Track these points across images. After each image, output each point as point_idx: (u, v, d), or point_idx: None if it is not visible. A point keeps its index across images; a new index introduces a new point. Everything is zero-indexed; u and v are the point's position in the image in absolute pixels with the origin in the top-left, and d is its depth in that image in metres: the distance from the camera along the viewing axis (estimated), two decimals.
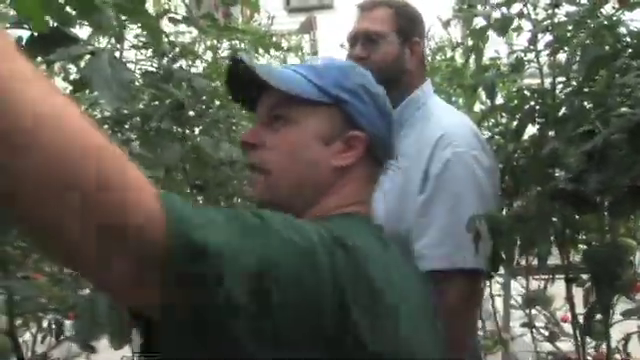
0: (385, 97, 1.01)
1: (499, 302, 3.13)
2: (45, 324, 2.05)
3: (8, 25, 0.93)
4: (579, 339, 1.59)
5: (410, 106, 1.58)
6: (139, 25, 1.34)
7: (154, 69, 1.55)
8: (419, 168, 1.48)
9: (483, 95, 2.34)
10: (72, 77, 1.69)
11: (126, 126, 1.63)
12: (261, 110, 0.96)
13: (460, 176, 1.45)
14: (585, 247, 1.57)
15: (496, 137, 1.89)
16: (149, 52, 1.68)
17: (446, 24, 1.93)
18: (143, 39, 1.65)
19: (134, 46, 1.57)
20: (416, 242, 1.46)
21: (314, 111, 0.92)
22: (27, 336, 2.07)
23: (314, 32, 5.34)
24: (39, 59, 0.94)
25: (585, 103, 1.46)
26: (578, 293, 1.66)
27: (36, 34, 0.90)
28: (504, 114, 2.00)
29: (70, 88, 1.72)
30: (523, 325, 2.56)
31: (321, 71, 0.95)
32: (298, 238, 0.69)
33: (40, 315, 1.77)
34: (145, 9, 1.26)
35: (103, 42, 1.40)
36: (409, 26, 1.61)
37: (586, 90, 1.45)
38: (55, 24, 0.94)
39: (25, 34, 0.95)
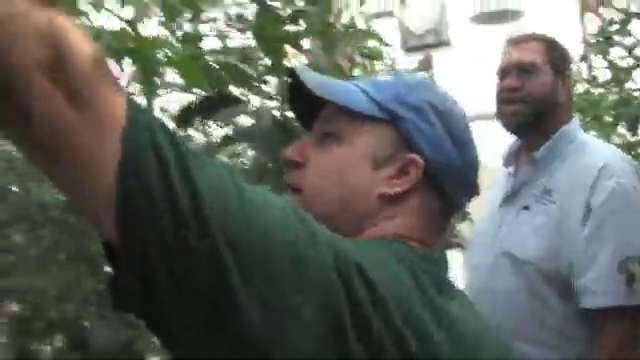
0: (464, 122, 0.83)
1: None
2: None
3: (169, 90, 1.01)
4: None
5: (563, 139, 1.56)
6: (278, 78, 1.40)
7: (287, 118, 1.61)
8: (578, 200, 1.44)
9: (620, 127, 2.24)
10: (215, 132, 1.78)
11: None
12: (315, 126, 0.84)
13: (624, 207, 1.42)
14: None
15: None
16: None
17: (582, 59, 1.88)
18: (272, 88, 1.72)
19: (270, 97, 1.63)
20: (580, 276, 1.41)
21: (366, 128, 0.79)
22: None
23: (432, 70, 5.34)
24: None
25: None
26: None
27: (202, 98, 0.98)
28: None
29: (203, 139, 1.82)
30: None
31: (383, 85, 0.82)
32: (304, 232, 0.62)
33: None
34: (284, 64, 1.32)
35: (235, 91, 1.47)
36: (561, 59, 1.60)
37: None
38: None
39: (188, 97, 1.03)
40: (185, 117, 1.00)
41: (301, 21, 1.90)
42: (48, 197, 1.63)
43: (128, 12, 1.43)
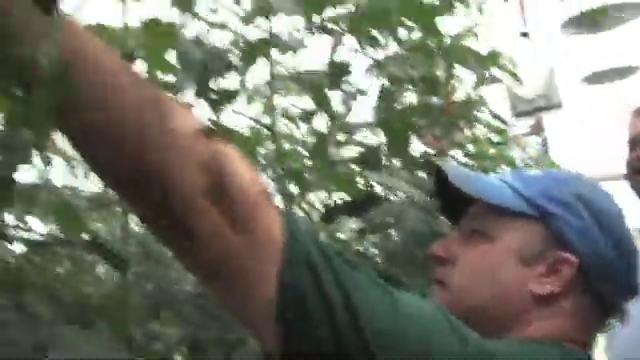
0: (619, 216, 0.80)
1: None
2: None
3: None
4: None
5: None
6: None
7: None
8: None
9: None
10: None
11: None
12: (462, 222, 0.84)
13: None
14: None
15: None
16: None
17: None
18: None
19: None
20: None
21: (515, 225, 0.78)
22: None
23: (543, 133, 5.24)
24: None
25: None
26: None
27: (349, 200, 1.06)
28: None
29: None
30: None
31: (530, 179, 0.81)
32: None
33: None
34: (411, 155, 1.38)
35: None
36: None
37: None
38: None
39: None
40: (330, 217, 1.07)
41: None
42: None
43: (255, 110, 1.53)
